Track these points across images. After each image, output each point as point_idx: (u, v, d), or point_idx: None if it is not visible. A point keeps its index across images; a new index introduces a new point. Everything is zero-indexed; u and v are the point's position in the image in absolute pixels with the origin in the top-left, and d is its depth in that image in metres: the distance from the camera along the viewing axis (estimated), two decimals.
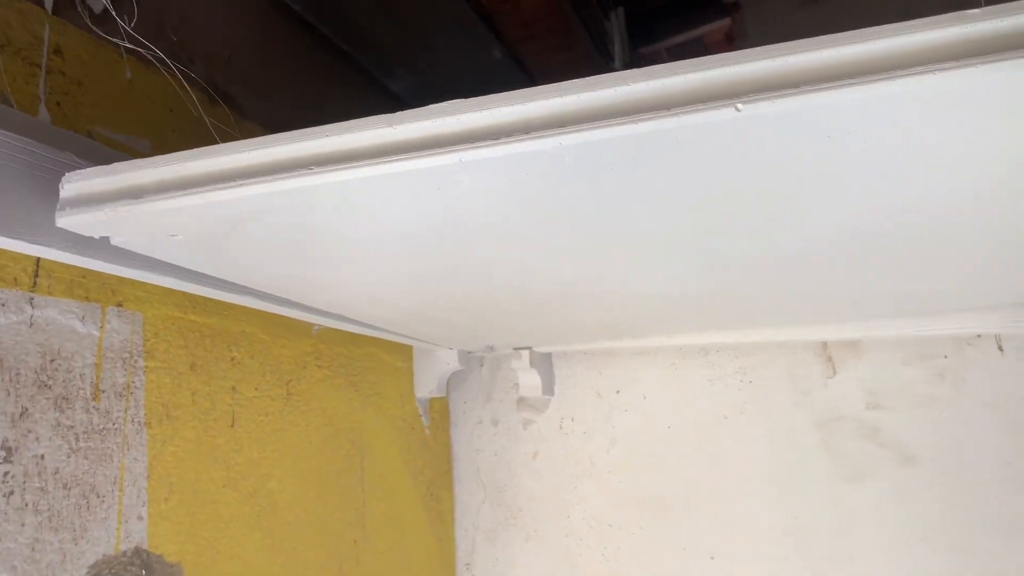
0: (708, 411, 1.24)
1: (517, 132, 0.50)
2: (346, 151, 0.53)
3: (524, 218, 0.62)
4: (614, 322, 1.13)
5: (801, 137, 0.49)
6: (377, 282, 0.81)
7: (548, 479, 1.29)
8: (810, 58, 0.45)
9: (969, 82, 0.43)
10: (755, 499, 1.19)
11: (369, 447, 1.11)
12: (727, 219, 0.64)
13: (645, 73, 0.48)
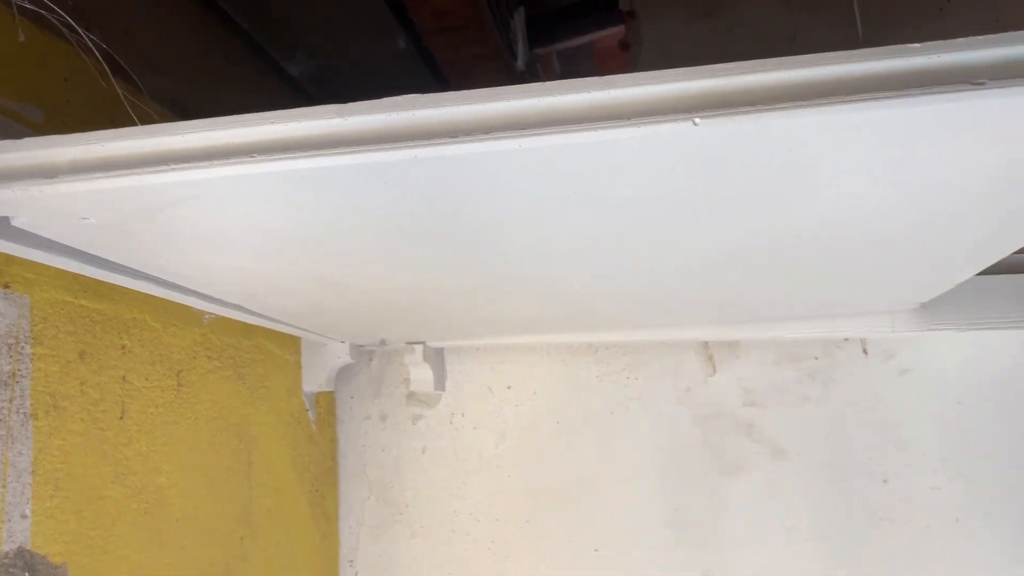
0: (596, 406, 1.27)
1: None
2: (289, 139, 0.51)
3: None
4: (508, 320, 1.14)
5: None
6: (283, 274, 0.78)
7: (436, 474, 1.28)
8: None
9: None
10: (638, 492, 1.23)
11: (257, 442, 1.07)
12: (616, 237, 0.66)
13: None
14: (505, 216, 0.62)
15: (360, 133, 0.51)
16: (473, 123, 0.49)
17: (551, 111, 0.47)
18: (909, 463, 1.19)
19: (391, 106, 0.50)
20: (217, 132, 0.52)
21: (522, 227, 0.64)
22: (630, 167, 0.52)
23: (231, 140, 0.52)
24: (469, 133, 0.49)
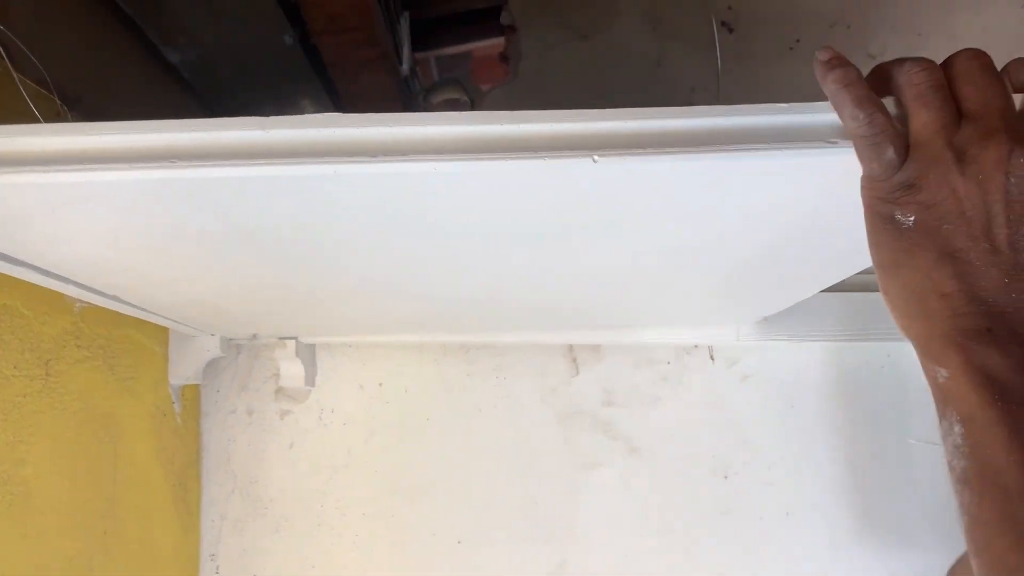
0: (466, 405, 1.31)
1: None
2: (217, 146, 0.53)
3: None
4: (381, 319, 1.17)
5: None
6: (174, 273, 0.79)
7: (303, 470, 1.29)
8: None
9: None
10: (501, 486, 1.29)
11: (123, 435, 1.04)
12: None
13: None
14: (417, 230, 0.65)
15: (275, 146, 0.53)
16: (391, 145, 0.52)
17: (467, 139, 0.51)
18: (747, 460, 1.30)
19: (311, 122, 0.52)
20: (131, 136, 0.53)
21: (425, 238, 0.68)
22: (529, 193, 0.57)
23: (145, 144, 0.53)
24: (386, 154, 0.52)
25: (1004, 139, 0.43)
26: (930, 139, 0.45)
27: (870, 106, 0.46)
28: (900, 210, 0.46)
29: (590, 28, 1.40)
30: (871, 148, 0.46)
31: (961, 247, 0.44)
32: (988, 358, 0.43)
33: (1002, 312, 0.43)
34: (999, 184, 0.43)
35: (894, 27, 1.40)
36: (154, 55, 1.16)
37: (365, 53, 1.05)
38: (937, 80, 0.46)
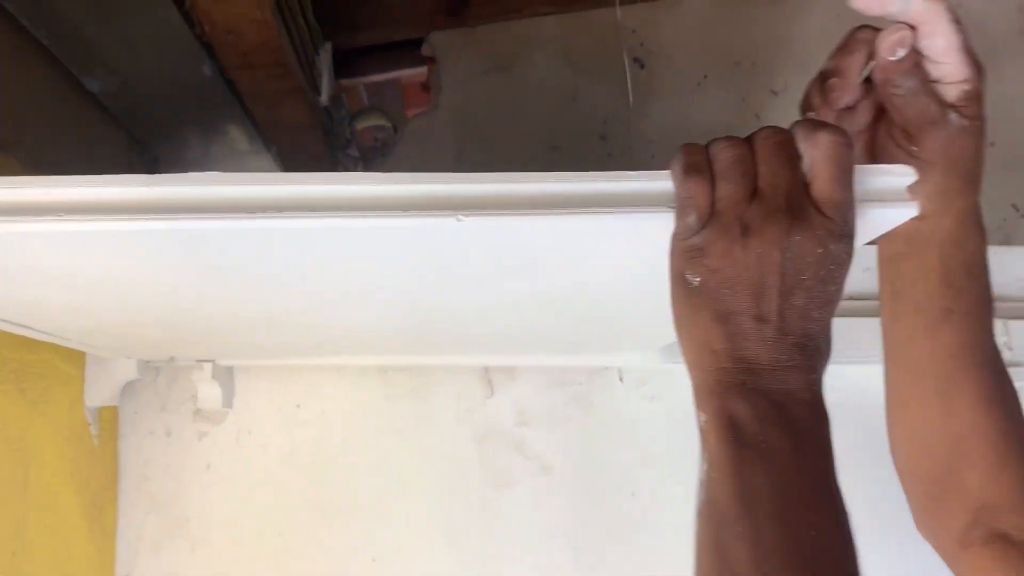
0: (384, 426, 1.35)
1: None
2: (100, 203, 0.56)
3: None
4: (298, 343, 1.20)
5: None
6: (85, 304, 0.82)
7: (221, 490, 1.31)
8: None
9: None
10: (418, 505, 1.32)
11: (34, 457, 1.06)
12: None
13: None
14: (306, 274, 0.69)
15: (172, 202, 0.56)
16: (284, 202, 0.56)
17: (353, 197, 0.56)
18: (653, 477, 1.36)
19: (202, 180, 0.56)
20: (28, 190, 0.56)
21: (319, 280, 0.72)
22: (406, 246, 0.62)
23: (39, 199, 0.56)
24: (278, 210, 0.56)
25: (784, 219, 0.48)
26: (724, 211, 0.50)
27: (689, 172, 0.51)
28: (690, 270, 0.51)
29: (508, 61, 1.46)
30: (679, 210, 0.52)
31: (735, 311, 0.50)
32: (736, 408, 0.49)
33: (760, 370, 0.49)
34: (775, 259, 0.49)
35: (796, 65, 1.49)
36: (74, 85, 1.18)
37: (278, 86, 1.09)
38: (739, 156, 0.51)
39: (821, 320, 0.50)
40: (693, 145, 0.54)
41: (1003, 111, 1.48)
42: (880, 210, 0.59)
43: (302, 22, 1.11)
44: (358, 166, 1.53)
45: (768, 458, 0.49)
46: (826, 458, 0.52)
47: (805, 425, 0.50)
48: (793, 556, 0.48)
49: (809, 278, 0.48)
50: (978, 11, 1.51)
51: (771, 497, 0.49)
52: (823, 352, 0.51)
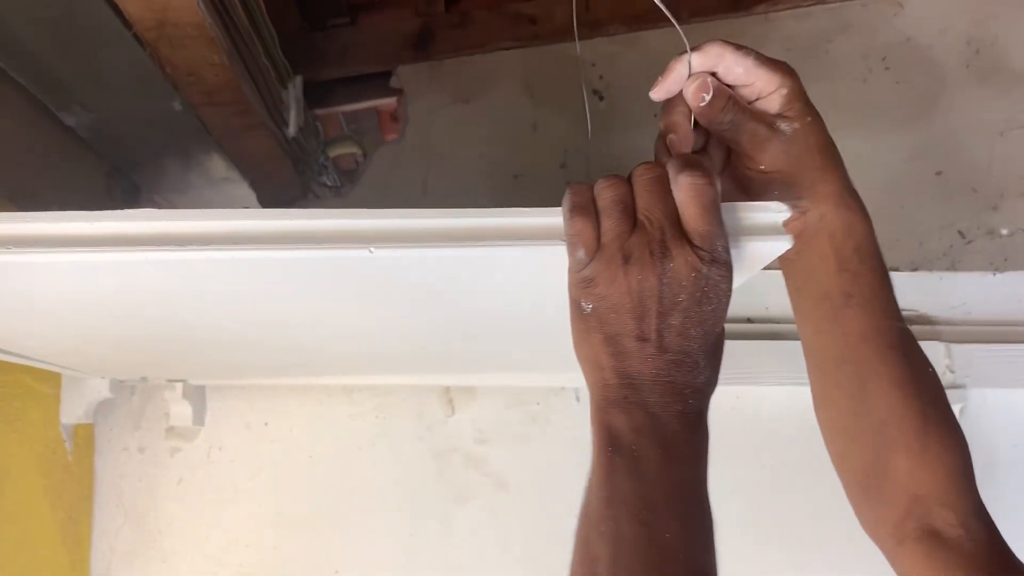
0: (347, 443, 1.41)
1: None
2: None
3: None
4: (266, 363, 1.26)
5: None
6: (49, 331, 0.88)
7: (192, 504, 1.37)
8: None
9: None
10: (379, 520, 1.38)
11: (7, 472, 1.12)
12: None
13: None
14: (250, 300, 0.75)
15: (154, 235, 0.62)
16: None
17: (291, 231, 0.62)
18: None
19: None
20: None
21: (262, 305, 0.78)
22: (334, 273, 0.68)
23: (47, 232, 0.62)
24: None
25: (659, 249, 0.54)
26: (608, 244, 0.56)
27: (575, 212, 0.57)
28: (584, 298, 0.57)
29: (471, 93, 1.53)
30: (570, 246, 0.57)
31: (620, 332, 0.55)
32: (615, 420, 0.54)
33: (640, 385, 0.54)
34: (653, 284, 0.54)
35: None
36: (51, 120, 1.25)
37: (241, 121, 1.16)
38: (619, 195, 0.57)
39: (699, 338, 0.55)
40: (579, 185, 0.59)
41: (950, 141, 1.54)
42: (756, 243, 0.64)
43: (265, 61, 1.17)
44: (333, 192, 1.59)
45: (637, 466, 0.54)
46: (694, 466, 0.56)
47: (677, 436, 0.55)
48: (649, 555, 0.52)
49: (685, 300, 0.53)
50: (926, 45, 1.57)
51: (635, 501, 0.53)
52: (701, 368, 0.55)
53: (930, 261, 1.49)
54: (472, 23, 1.53)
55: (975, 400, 1.46)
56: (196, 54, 0.96)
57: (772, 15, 1.57)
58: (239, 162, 1.33)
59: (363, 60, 1.52)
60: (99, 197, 1.44)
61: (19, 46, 1.07)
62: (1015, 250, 1.50)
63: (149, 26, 0.90)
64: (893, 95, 1.55)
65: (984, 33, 1.58)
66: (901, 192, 1.52)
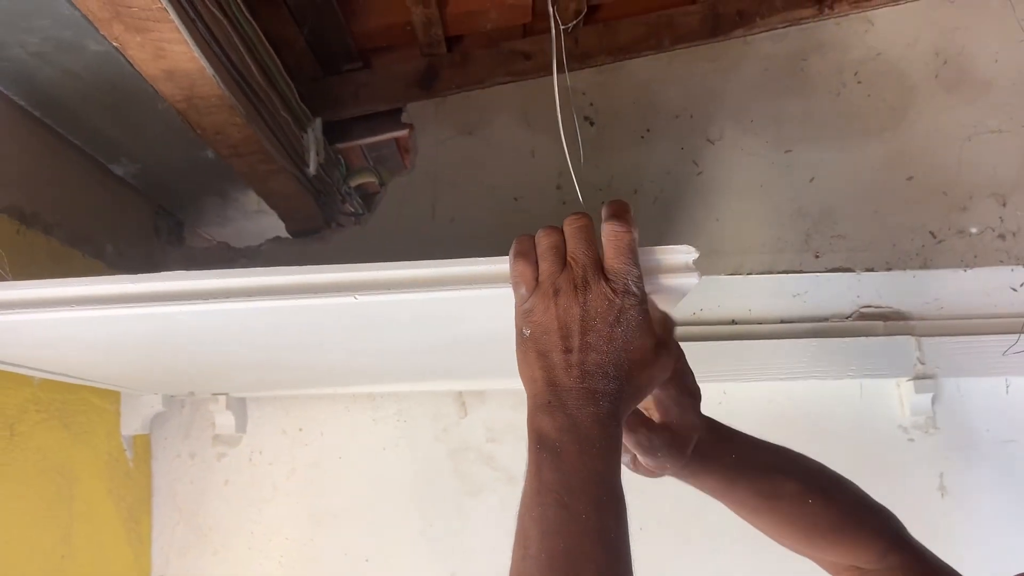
0: (372, 444, 1.57)
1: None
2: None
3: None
4: (297, 377, 1.44)
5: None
6: (106, 362, 1.06)
7: (236, 503, 1.55)
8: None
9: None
10: (402, 512, 1.54)
11: (78, 479, 1.31)
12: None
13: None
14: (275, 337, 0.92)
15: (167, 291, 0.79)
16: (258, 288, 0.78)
17: (266, 286, 0.78)
18: None
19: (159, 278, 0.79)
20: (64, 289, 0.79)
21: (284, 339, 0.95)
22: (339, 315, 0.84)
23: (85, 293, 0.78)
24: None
25: (580, 283, 0.67)
26: (543, 282, 0.70)
27: (517, 258, 0.72)
28: (524, 326, 0.71)
29: (474, 126, 1.68)
30: (514, 285, 0.72)
31: (550, 349, 0.68)
32: (543, 422, 0.67)
33: (563, 392, 0.67)
34: (576, 312, 0.68)
35: (729, 116, 1.67)
36: (103, 170, 1.44)
37: (265, 167, 1.33)
38: (553, 242, 0.71)
39: (611, 353, 0.66)
40: (523, 237, 0.74)
41: (920, 148, 1.65)
42: (672, 279, 0.78)
43: (283, 114, 1.34)
44: (353, 220, 1.76)
45: (559, 458, 0.67)
46: (607, 459, 0.66)
47: (591, 433, 0.65)
48: (570, 531, 0.65)
49: (600, 323, 0.66)
50: (896, 58, 1.67)
51: (557, 488, 0.65)
52: (612, 377, 0.66)
53: (903, 261, 1.61)
54: (472, 61, 1.68)
55: (949, 389, 1.58)
56: (220, 118, 1.13)
57: (749, 38, 1.70)
58: (267, 199, 1.51)
59: (375, 99, 1.69)
60: (148, 233, 1.63)
61: (71, 113, 1.26)
62: (984, 248, 1.60)
63: (179, 99, 1.07)
64: (865, 107, 1.67)
65: (951, 44, 1.68)
66: (875, 197, 1.63)
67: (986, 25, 1.68)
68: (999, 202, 1.62)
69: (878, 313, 1.60)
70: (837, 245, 1.62)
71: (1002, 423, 1.58)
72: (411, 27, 1.56)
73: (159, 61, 0.97)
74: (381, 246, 1.64)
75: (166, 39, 0.91)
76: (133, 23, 0.88)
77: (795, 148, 1.65)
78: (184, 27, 0.88)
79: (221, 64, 1.04)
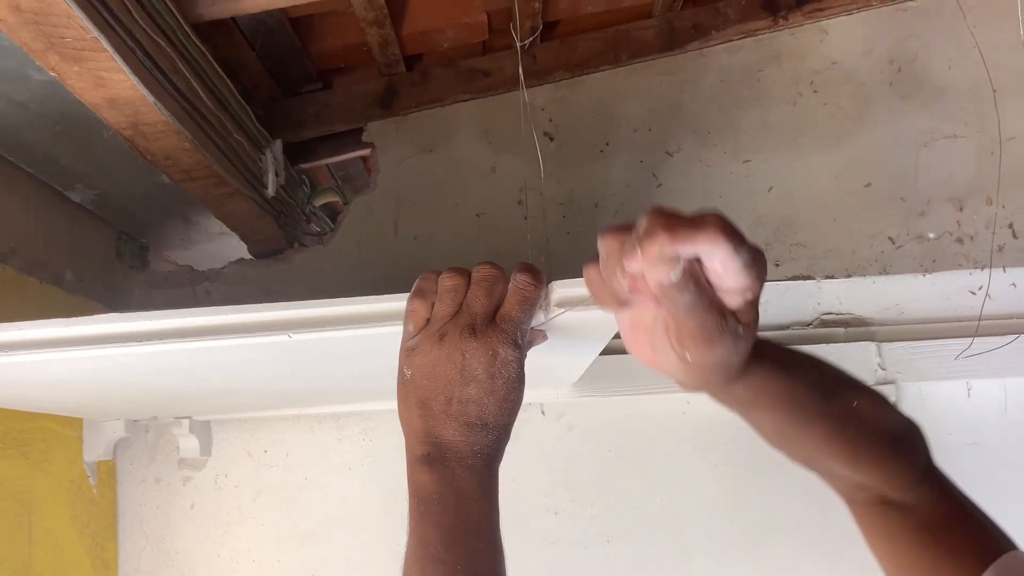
0: (337, 464, 1.57)
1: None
2: None
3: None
4: (261, 398, 1.44)
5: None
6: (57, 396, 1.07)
7: (203, 526, 1.55)
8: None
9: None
10: (369, 531, 1.54)
11: (37, 507, 1.30)
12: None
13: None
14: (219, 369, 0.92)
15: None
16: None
17: (234, 324, 0.78)
18: (574, 498, 1.56)
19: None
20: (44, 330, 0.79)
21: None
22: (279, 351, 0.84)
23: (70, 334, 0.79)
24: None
25: (466, 330, 0.66)
26: (433, 323, 0.69)
27: (414, 295, 0.71)
28: (406, 366, 0.69)
29: (435, 143, 1.69)
30: (405, 321, 0.71)
31: (430, 397, 0.67)
32: (420, 476, 0.67)
33: (441, 443, 0.66)
34: (457, 359, 0.66)
35: (688, 128, 1.69)
36: (59, 197, 1.44)
37: (219, 190, 1.33)
38: (454, 285, 0.69)
39: (490, 406, 0.66)
40: (428, 274, 0.73)
41: (878, 155, 1.67)
42: (596, 311, 0.79)
43: (236, 137, 1.35)
44: (316, 240, 1.76)
45: (436, 513, 0.66)
46: (485, 508, 0.68)
47: (468, 486, 0.66)
48: None
49: (481, 374, 0.65)
50: (851, 67, 1.69)
51: (435, 542, 0.65)
52: (491, 428, 0.67)
53: (863, 267, 1.62)
54: (431, 80, 1.69)
55: (911, 394, 1.60)
56: (168, 144, 1.14)
57: (706, 50, 1.71)
58: (226, 222, 1.51)
59: (336, 119, 1.69)
60: (110, 258, 1.63)
61: (21, 140, 1.26)
62: (942, 252, 1.62)
63: (124, 127, 1.07)
64: (822, 115, 1.68)
65: (905, 52, 1.70)
66: (833, 205, 1.64)
67: (939, 32, 1.70)
68: (956, 207, 1.64)
69: (839, 320, 1.61)
70: (797, 253, 1.63)
71: (965, 426, 1.59)
72: (368, 48, 1.56)
73: (99, 90, 0.97)
74: (343, 265, 1.64)
75: (103, 67, 0.92)
76: (68, 53, 0.88)
77: (753, 158, 1.67)
78: (119, 56, 0.89)
79: (164, 90, 1.05)
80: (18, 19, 0.80)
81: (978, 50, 1.64)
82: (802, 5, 1.71)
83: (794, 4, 1.71)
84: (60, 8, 0.79)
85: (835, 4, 1.71)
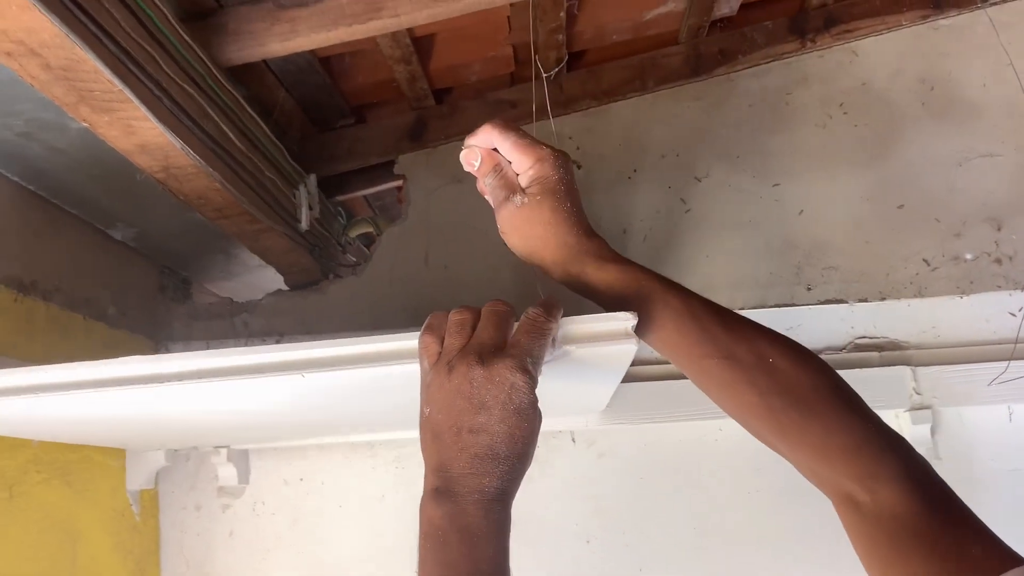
0: (371, 491, 1.60)
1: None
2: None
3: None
4: (296, 428, 1.47)
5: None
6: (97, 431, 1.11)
7: (241, 553, 1.58)
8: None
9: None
10: (403, 559, 1.56)
11: (82, 535, 1.35)
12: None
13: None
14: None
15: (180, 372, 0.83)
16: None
17: (238, 366, 0.81)
18: (605, 526, 1.56)
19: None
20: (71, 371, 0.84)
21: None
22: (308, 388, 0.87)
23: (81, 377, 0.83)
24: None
25: (474, 360, 0.68)
26: (443, 356, 0.71)
27: (426, 331, 0.74)
28: (424, 403, 0.72)
29: (463, 174, 1.70)
30: (420, 358, 0.74)
31: (443, 430, 0.69)
32: (430, 511, 0.68)
33: (451, 476, 0.68)
34: (466, 389, 0.67)
35: (716, 153, 1.69)
36: (101, 236, 1.49)
37: (252, 227, 1.37)
38: (463, 319, 0.72)
39: (501, 435, 0.67)
40: (438, 313, 0.76)
41: (910, 175, 1.64)
42: (606, 347, 0.79)
43: (269, 175, 1.39)
44: (351, 271, 1.80)
45: (443, 549, 0.68)
46: (493, 545, 0.68)
47: (476, 521, 0.67)
48: None
49: (491, 401, 0.67)
50: (882, 88, 1.67)
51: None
52: (502, 459, 0.67)
53: (898, 290, 1.59)
54: (460, 112, 1.72)
55: (950, 418, 1.56)
56: (199, 184, 1.18)
57: (733, 75, 1.71)
58: (261, 256, 1.55)
59: (369, 153, 1.73)
60: (153, 292, 1.69)
61: (63, 184, 1.31)
62: (980, 273, 1.58)
63: (156, 170, 1.12)
64: (852, 138, 1.67)
65: (937, 71, 1.68)
66: (866, 228, 1.62)
67: (972, 51, 1.67)
68: (994, 227, 1.60)
69: (873, 344, 1.59)
70: (829, 277, 1.61)
71: (1007, 452, 1.55)
72: (397, 83, 1.60)
73: (130, 137, 1.01)
74: (376, 295, 1.67)
75: (131, 116, 0.96)
76: (98, 105, 0.92)
77: (783, 182, 1.66)
78: (145, 107, 0.93)
79: (192, 135, 1.09)
80: (49, 76, 0.85)
81: (1012, 67, 1.61)
82: (830, 27, 1.70)
83: (822, 26, 1.70)
84: (87, 65, 0.83)
85: (864, 25, 1.70)
